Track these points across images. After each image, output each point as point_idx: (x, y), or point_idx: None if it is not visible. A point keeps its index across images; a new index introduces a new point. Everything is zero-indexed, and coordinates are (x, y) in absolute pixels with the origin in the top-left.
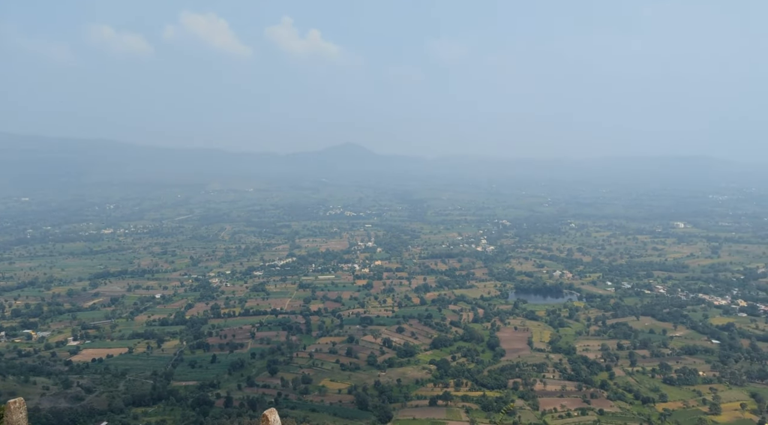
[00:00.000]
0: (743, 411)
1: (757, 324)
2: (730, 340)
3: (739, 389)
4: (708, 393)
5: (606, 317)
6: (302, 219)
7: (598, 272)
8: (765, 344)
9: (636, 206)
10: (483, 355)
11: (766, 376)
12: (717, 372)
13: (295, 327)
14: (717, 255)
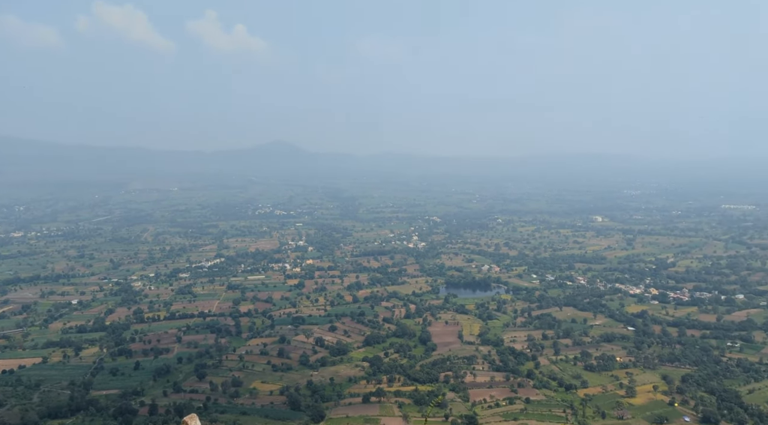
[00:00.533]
0: (656, 393)
1: (668, 311)
2: (644, 327)
3: (652, 372)
4: (624, 378)
5: (532, 308)
6: (230, 219)
7: (524, 266)
8: (674, 329)
9: (558, 202)
10: (415, 350)
11: (675, 359)
12: (632, 357)
13: (225, 330)
14: (632, 247)
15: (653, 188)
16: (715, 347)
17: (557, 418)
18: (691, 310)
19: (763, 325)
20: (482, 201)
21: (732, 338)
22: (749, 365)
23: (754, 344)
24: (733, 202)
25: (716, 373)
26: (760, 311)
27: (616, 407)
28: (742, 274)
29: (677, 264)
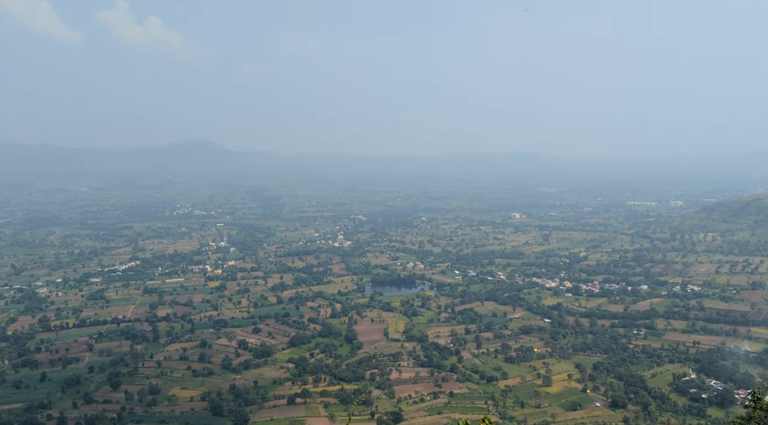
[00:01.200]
0: (570, 381)
1: (580, 302)
2: (559, 318)
3: (567, 361)
4: (542, 368)
5: (455, 304)
6: (146, 220)
7: (447, 262)
8: (586, 319)
9: (479, 199)
10: (341, 349)
11: (587, 348)
12: (549, 347)
13: (141, 336)
14: (547, 242)
15: (567, 185)
16: (622, 335)
17: (479, 410)
18: (601, 301)
19: (664, 313)
20: (407, 199)
21: (637, 326)
22: (652, 351)
23: (657, 331)
24: (637, 199)
25: (624, 360)
26: (662, 301)
27: (534, 396)
28: (646, 266)
29: (589, 258)
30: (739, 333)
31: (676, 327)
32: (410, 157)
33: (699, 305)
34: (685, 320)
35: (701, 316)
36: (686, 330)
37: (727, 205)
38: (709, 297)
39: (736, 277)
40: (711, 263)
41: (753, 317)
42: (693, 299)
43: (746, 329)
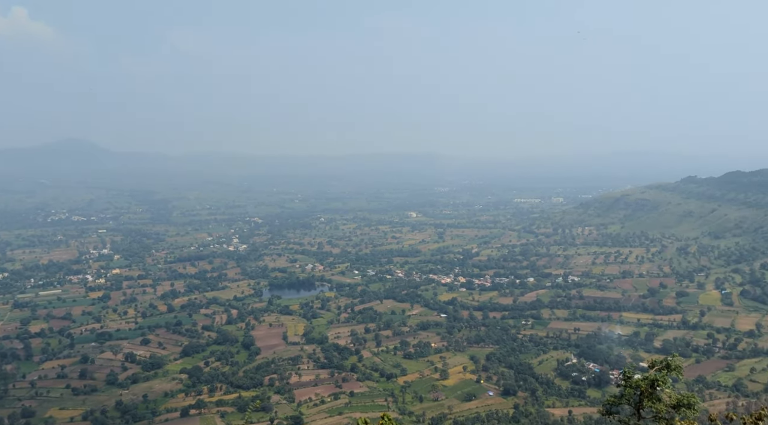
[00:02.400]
0: (465, 373)
1: (474, 296)
2: (455, 313)
3: (462, 354)
4: (439, 362)
5: (354, 304)
6: (15, 227)
7: (347, 263)
8: (479, 313)
9: (377, 199)
10: (238, 356)
11: (481, 340)
12: (445, 342)
13: (11, 354)
14: (443, 240)
15: (459, 185)
16: (512, 326)
17: (379, 407)
18: (492, 294)
19: (549, 303)
20: (305, 201)
21: (525, 317)
22: (539, 339)
23: (543, 320)
24: (523, 196)
25: (514, 349)
26: (547, 292)
27: (432, 390)
28: (532, 259)
29: (481, 254)
30: (612, 319)
31: (559, 316)
32: (309, 157)
33: (579, 295)
34: (567, 309)
35: (581, 304)
36: (568, 318)
37: (601, 201)
38: (587, 287)
39: (610, 267)
40: (588, 255)
41: (624, 303)
42: (573, 289)
43: (618, 314)
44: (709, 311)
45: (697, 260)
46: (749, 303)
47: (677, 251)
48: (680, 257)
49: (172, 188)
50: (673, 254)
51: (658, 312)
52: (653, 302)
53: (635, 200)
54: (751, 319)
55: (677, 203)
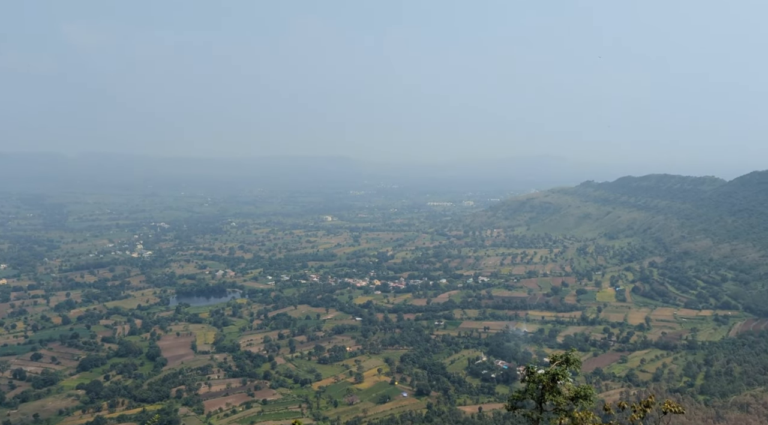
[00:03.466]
0: (380, 375)
1: (389, 299)
2: (370, 316)
3: (377, 356)
4: (354, 365)
5: (268, 310)
6: None
7: (260, 268)
8: (394, 315)
9: (291, 203)
10: (142, 368)
11: (395, 342)
12: (360, 345)
13: None
14: (358, 243)
15: (375, 188)
16: (426, 327)
17: (293, 414)
18: (407, 296)
19: (460, 304)
20: (215, 204)
21: (438, 317)
22: (451, 339)
23: (455, 320)
24: (436, 200)
25: (427, 350)
26: (458, 292)
27: (346, 394)
28: (444, 261)
29: (395, 256)
30: (519, 317)
31: (470, 316)
32: (218, 160)
33: (488, 295)
34: (477, 308)
35: (490, 304)
36: (478, 317)
37: (509, 204)
38: (496, 287)
39: (517, 267)
40: (497, 256)
41: (530, 302)
42: (483, 289)
43: (525, 312)
44: (605, 307)
45: (595, 259)
46: (639, 299)
47: (577, 252)
48: (580, 257)
49: (68, 191)
50: (573, 254)
51: (560, 310)
52: (556, 300)
53: (540, 203)
54: (641, 313)
55: (577, 206)
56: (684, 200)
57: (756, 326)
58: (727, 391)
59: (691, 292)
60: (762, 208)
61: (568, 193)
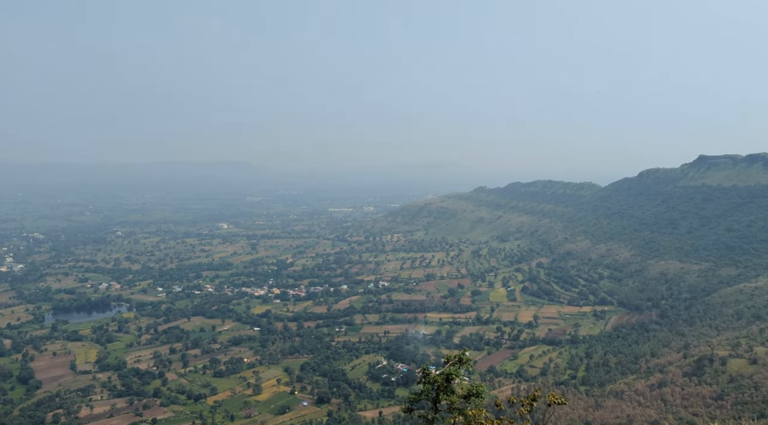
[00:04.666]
0: (279, 385)
1: (288, 307)
2: (268, 325)
3: (276, 366)
4: (252, 377)
5: (158, 323)
6: None
7: (149, 280)
8: (294, 323)
9: (184, 210)
10: (13, 393)
11: (295, 351)
12: (259, 356)
13: None
14: (256, 251)
15: (274, 195)
16: (326, 334)
17: None
18: (307, 304)
19: (361, 309)
20: (97, 213)
21: (339, 324)
22: (352, 345)
23: (356, 326)
24: (337, 206)
25: (328, 357)
26: (359, 298)
27: (244, 407)
28: (346, 267)
29: (295, 264)
30: (418, 320)
31: (371, 321)
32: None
33: (389, 299)
34: (378, 313)
35: (390, 308)
36: (379, 321)
37: (408, 209)
38: (396, 291)
39: (416, 271)
40: (397, 261)
41: (428, 305)
42: (384, 294)
43: (423, 315)
44: (498, 307)
45: (488, 261)
46: (528, 298)
47: (472, 254)
48: (474, 259)
49: None
50: (468, 257)
51: (457, 311)
52: (453, 301)
53: (437, 209)
54: (530, 312)
55: (471, 211)
56: (566, 204)
57: (628, 319)
58: (605, 381)
59: (574, 290)
60: (632, 211)
61: (463, 198)
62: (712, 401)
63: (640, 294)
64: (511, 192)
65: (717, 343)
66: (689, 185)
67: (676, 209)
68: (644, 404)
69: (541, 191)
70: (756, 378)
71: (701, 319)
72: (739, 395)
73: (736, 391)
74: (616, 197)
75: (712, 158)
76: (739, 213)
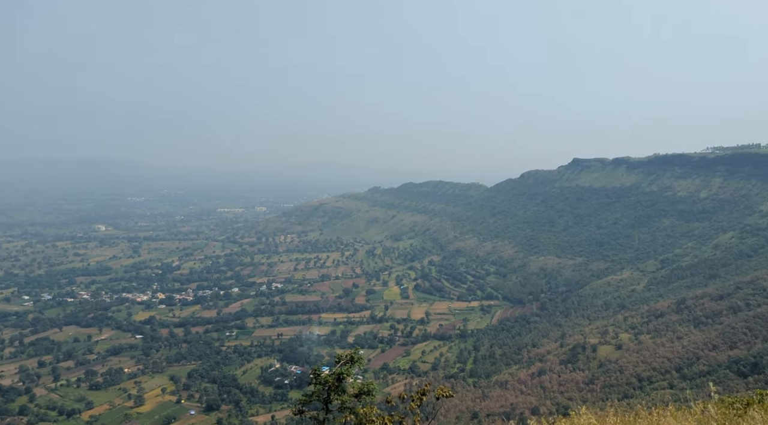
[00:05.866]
0: (164, 395)
1: (174, 313)
2: (152, 332)
3: (161, 375)
4: (133, 388)
5: (24, 335)
6: None
7: (13, 287)
8: (181, 329)
9: (55, 212)
10: None
11: (182, 358)
12: (141, 365)
13: None
14: (138, 254)
15: (158, 194)
16: (216, 339)
17: None
18: (195, 309)
19: (253, 312)
20: None
21: (230, 328)
22: (243, 349)
23: (247, 330)
24: (227, 206)
25: (218, 363)
26: (251, 300)
27: (124, 420)
28: (237, 269)
29: (182, 267)
30: (313, 321)
31: (263, 323)
32: None
33: (282, 301)
34: (271, 315)
35: (284, 310)
36: (272, 324)
37: (302, 209)
38: (290, 292)
39: (310, 272)
40: (291, 262)
41: (323, 305)
42: (277, 296)
43: (318, 316)
44: (391, 305)
45: (382, 260)
46: (420, 295)
47: (366, 254)
48: (369, 258)
49: None
50: (363, 256)
51: (351, 310)
52: (347, 301)
53: (332, 208)
54: (422, 309)
55: (366, 211)
56: (456, 204)
57: (512, 312)
58: (491, 372)
59: (463, 286)
60: (515, 210)
61: (357, 198)
62: (584, 385)
63: (522, 289)
64: (404, 192)
65: (589, 332)
66: (565, 186)
67: (553, 208)
68: (526, 392)
69: (433, 191)
70: (621, 362)
71: (575, 310)
72: (607, 378)
73: (604, 375)
74: (500, 197)
75: (584, 160)
76: (607, 212)
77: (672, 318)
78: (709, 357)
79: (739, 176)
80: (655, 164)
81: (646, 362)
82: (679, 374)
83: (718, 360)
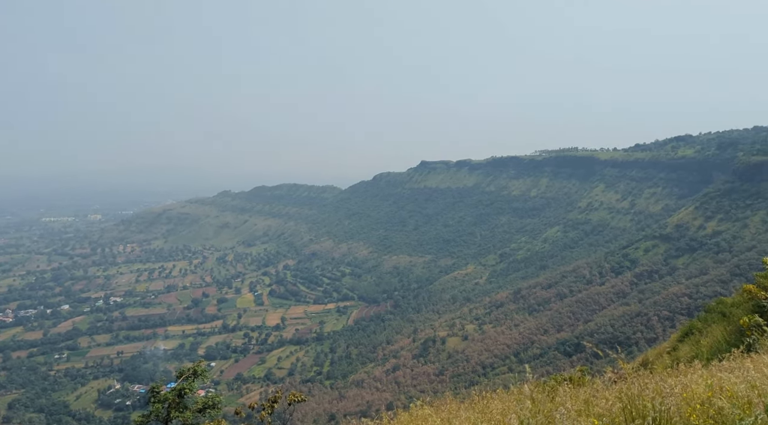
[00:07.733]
0: None
1: None
2: None
3: None
4: None
5: None
6: None
7: None
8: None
9: None
10: None
11: (1, 387)
12: None
13: None
14: None
15: None
16: (43, 363)
17: None
18: (16, 330)
19: (87, 330)
20: None
21: (59, 349)
22: (76, 372)
23: (81, 350)
24: (53, 214)
25: (45, 389)
26: (85, 318)
27: None
28: (67, 284)
29: None
30: (158, 335)
31: (100, 342)
32: None
33: (122, 316)
34: (109, 333)
35: (124, 326)
36: (110, 342)
37: (143, 216)
38: (131, 306)
39: (155, 283)
40: (132, 273)
41: (169, 318)
42: (116, 311)
43: (164, 329)
44: (245, 312)
45: (235, 267)
46: (276, 301)
47: (217, 261)
48: (220, 266)
49: None
50: (213, 264)
51: (201, 321)
52: (197, 312)
53: (177, 215)
54: (278, 314)
55: (215, 216)
56: (311, 206)
57: (367, 312)
58: (348, 372)
59: (319, 289)
60: (369, 211)
61: (206, 203)
62: (435, 377)
63: (377, 288)
64: (256, 196)
65: (438, 325)
66: (414, 187)
67: (404, 208)
68: (381, 389)
69: (287, 195)
70: (467, 352)
71: (426, 305)
72: (456, 368)
73: (453, 365)
74: (355, 199)
75: (431, 163)
76: (453, 211)
77: (510, 307)
78: (542, 340)
79: (562, 176)
80: (492, 166)
81: (489, 350)
82: (517, 358)
83: (548, 342)
